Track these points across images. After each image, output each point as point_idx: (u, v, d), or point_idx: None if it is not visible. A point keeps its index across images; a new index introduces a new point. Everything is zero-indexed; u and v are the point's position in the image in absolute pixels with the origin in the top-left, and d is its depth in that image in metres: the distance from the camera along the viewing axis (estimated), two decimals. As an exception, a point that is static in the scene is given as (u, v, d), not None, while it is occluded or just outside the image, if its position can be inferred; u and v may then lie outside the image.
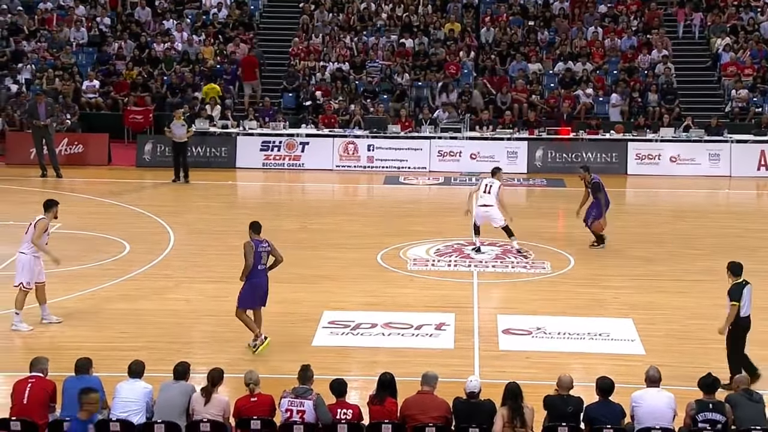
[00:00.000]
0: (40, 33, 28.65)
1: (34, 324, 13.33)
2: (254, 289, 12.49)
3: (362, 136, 25.07)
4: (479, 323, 13.78)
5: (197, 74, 27.37)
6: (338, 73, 27.65)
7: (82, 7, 29.68)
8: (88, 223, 18.79)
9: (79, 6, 29.71)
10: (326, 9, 29.96)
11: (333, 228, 19.12)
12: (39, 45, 28.23)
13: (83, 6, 29.76)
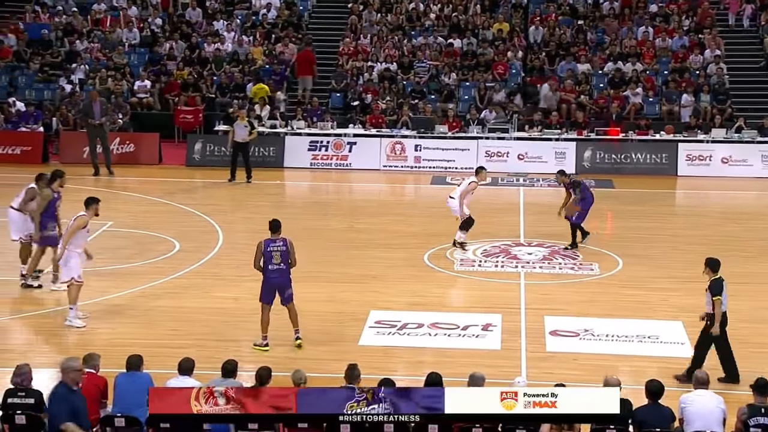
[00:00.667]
0: (93, 34, 29.07)
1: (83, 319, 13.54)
2: (267, 285, 12.62)
3: (409, 137, 25.08)
4: (526, 324, 13.72)
5: (246, 74, 27.59)
6: (386, 73, 27.70)
7: (135, 8, 30.06)
8: (140, 221, 19.04)
9: (132, 7, 30.09)
10: (375, 9, 30.02)
11: (380, 228, 19.16)
12: (92, 45, 28.64)
13: (135, 7, 30.13)
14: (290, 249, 12.63)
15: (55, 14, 29.62)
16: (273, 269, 12.51)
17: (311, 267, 16.47)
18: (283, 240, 12.65)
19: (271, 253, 12.50)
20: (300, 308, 14.10)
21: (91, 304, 14.30)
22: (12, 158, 24.07)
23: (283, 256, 12.54)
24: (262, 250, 12.55)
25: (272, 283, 12.58)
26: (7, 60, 28.22)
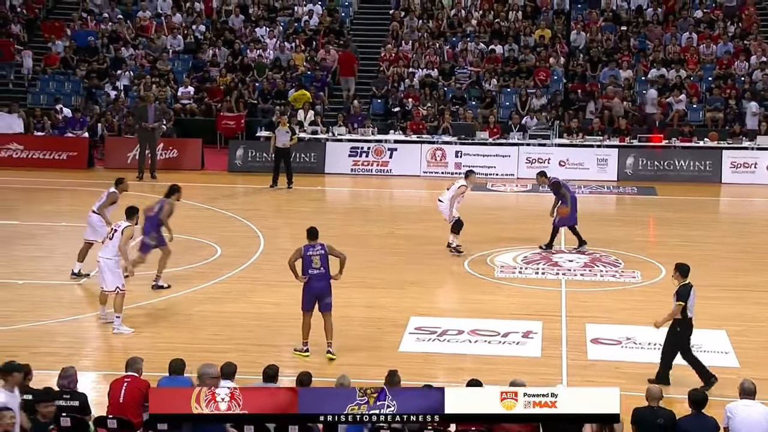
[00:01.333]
0: (138, 40, 29.40)
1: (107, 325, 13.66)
2: (308, 291, 12.58)
3: (450, 143, 25.04)
4: (567, 332, 13.61)
5: (288, 80, 27.73)
6: (427, 79, 27.69)
7: (179, 15, 30.34)
8: (182, 226, 19.10)
9: (176, 14, 30.38)
10: (416, 16, 30.04)
11: (420, 234, 19.13)
12: (137, 52, 28.96)
13: (180, 14, 30.42)
14: (329, 250, 12.65)
15: (102, 21, 29.98)
16: (314, 274, 12.52)
17: (352, 273, 16.45)
18: (321, 245, 12.68)
19: (311, 258, 12.52)
20: (340, 313, 14.12)
21: (135, 308, 14.44)
22: (58, 163, 24.41)
23: (322, 260, 12.54)
24: (301, 254, 12.57)
25: (313, 289, 12.56)
26: (54, 67, 28.62)
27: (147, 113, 23.97)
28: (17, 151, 24.65)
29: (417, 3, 30.53)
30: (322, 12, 30.28)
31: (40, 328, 13.61)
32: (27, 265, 16.57)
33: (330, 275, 12.63)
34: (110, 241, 13.63)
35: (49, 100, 27.15)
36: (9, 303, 14.66)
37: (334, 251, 12.68)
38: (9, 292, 15.17)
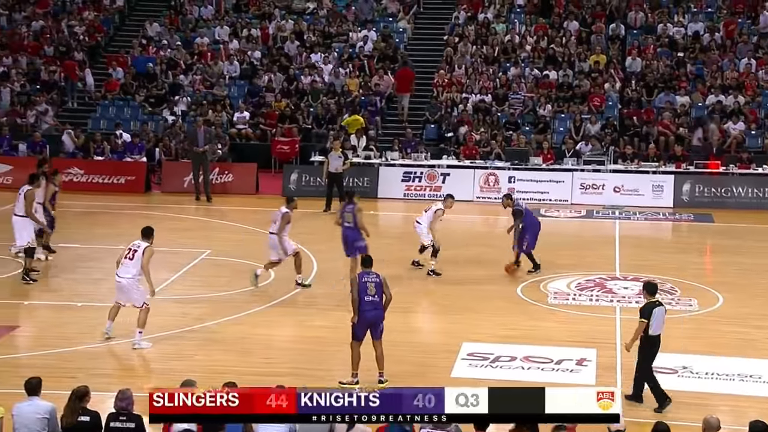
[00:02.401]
0: (196, 67, 29.84)
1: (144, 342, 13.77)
2: (361, 320, 12.46)
3: (503, 168, 24.96)
4: (622, 360, 13.41)
5: (342, 106, 27.92)
6: (480, 104, 27.69)
7: (236, 42, 30.76)
8: (236, 250, 19.35)
9: (233, 40, 30.80)
10: (470, 41, 30.09)
11: (473, 259, 19.06)
12: (194, 78, 29.40)
13: (237, 40, 30.84)
14: (384, 282, 12.62)
15: (161, 48, 30.50)
16: (368, 301, 12.44)
17: (404, 297, 16.49)
18: (376, 274, 12.68)
19: (366, 285, 12.47)
20: (392, 339, 14.09)
21: (189, 330, 14.58)
22: (117, 187, 24.80)
23: (377, 288, 12.49)
24: (357, 284, 12.51)
25: (367, 317, 12.47)
26: (114, 93, 29.17)
27: (197, 137, 24.33)
28: (77, 175, 25.11)
29: (471, 29, 30.59)
30: (376, 38, 30.49)
31: (97, 349, 13.80)
32: (86, 287, 16.84)
33: (383, 304, 12.55)
34: (129, 261, 13.77)
35: (109, 125, 27.66)
36: (68, 325, 14.89)
37: (386, 288, 12.62)
38: (68, 314, 15.42)
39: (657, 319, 11.78)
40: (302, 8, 32.19)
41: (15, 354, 13.71)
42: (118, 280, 13.86)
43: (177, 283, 17.10)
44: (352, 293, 12.49)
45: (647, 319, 11.76)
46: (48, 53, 30.30)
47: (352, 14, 31.57)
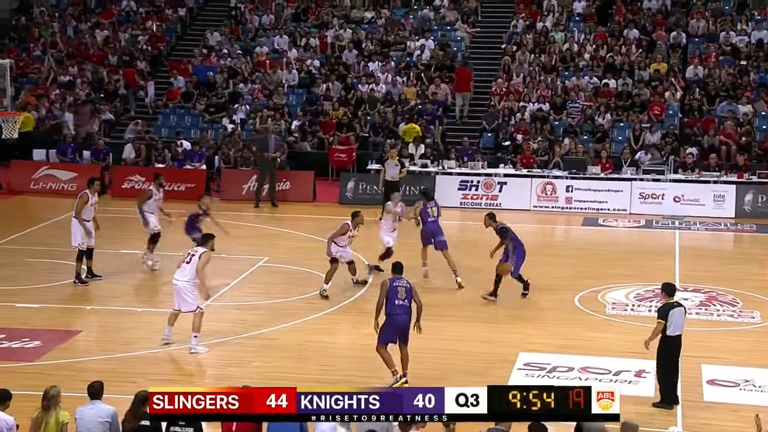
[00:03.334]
0: (255, 75, 30.14)
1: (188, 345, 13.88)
2: (391, 324, 12.55)
3: (561, 177, 24.77)
4: (682, 372, 13.19)
5: (399, 114, 27.96)
6: (538, 113, 27.52)
7: (295, 51, 30.99)
8: (294, 257, 19.48)
9: (292, 49, 31.04)
10: (528, 50, 29.93)
11: (529, 269, 18.86)
12: (254, 87, 29.69)
13: (296, 49, 31.07)
14: (413, 289, 12.74)
15: (221, 57, 30.86)
16: (398, 305, 12.55)
17: (460, 307, 16.47)
18: (407, 280, 12.82)
19: (397, 288, 12.58)
20: (448, 347, 14.11)
21: (247, 337, 14.71)
22: (177, 195, 24.98)
23: (407, 293, 12.61)
24: (387, 288, 12.60)
25: (396, 321, 12.53)
26: (175, 101, 29.58)
27: (268, 143, 24.65)
28: (139, 183, 25.48)
29: (529, 37, 30.44)
30: (434, 47, 30.48)
31: (157, 355, 13.98)
32: (146, 293, 17.08)
33: (412, 311, 12.61)
34: (187, 264, 13.97)
35: (170, 133, 28.05)
36: (129, 330, 15.12)
37: (416, 296, 12.71)
38: (129, 319, 15.65)
39: (675, 319, 11.89)
40: (360, 17, 32.34)
41: (77, 358, 13.95)
42: (174, 283, 14.08)
43: (235, 290, 17.27)
44: (379, 297, 12.61)
45: (664, 319, 11.89)
46: (112, 62, 30.84)
47: (410, 23, 31.61)
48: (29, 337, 14.56)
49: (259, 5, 33.22)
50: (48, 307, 16.18)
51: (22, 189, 25.22)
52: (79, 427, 9.48)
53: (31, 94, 29.17)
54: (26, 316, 15.72)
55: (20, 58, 30.69)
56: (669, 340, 11.91)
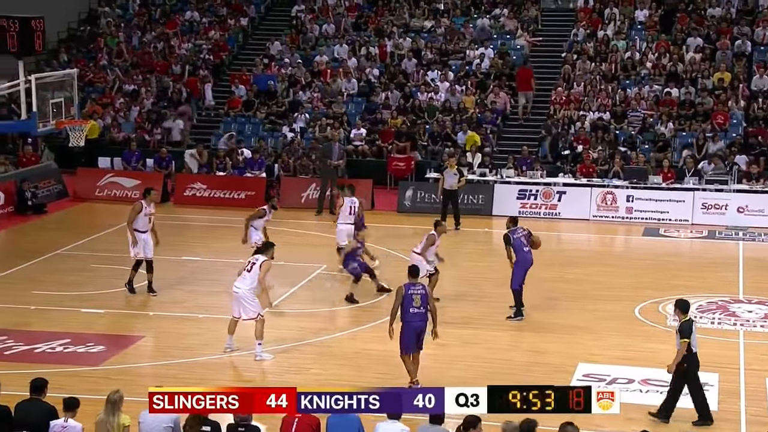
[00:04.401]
0: (314, 84, 30.35)
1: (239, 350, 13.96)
2: (408, 330, 12.64)
3: (621, 187, 24.48)
4: (746, 385, 12.96)
5: (458, 123, 27.92)
6: (599, 122, 27.25)
7: (354, 60, 31.15)
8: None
9: (351, 58, 31.20)
10: (589, 58, 29.68)
11: (589, 279, 18.75)
12: (313, 95, 29.90)
13: (355, 58, 31.22)
14: (429, 294, 12.82)
15: (282, 66, 31.14)
16: (414, 312, 12.64)
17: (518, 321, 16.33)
18: (422, 285, 12.90)
19: (412, 297, 12.67)
20: (505, 357, 14.03)
21: (305, 344, 14.79)
22: (237, 202, 25.30)
23: (423, 300, 12.69)
24: (402, 294, 12.69)
25: (413, 327, 12.66)
26: (236, 110, 29.92)
27: (332, 151, 24.82)
28: (200, 190, 25.81)
29: (590, 46, 30.19)
30: (493, 55, 30.39)
31: (217, 361, 14.13)
32: (207, 299, 17.28)
33: (428, 316, 12.70)
34: (248, 273, 14.11)
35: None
36: (190, 336, 15.31)
37: (431, 302, 12.76)
38: (190, 325, 15.85)
39: (694, 335, 11.79)
40: (420, 26, 32.39)
41: (139, 363, 14.17)
42: (235, 291, 14.21)
43: (294, 297, 17.38)
44: (394, 303, 12.74)
45: (688, 337, 11.73)
46: (175, 72, 31.31)
47: (469, 32, 31.56)
48: (93, 342, 14.85)
49: (319, 15, 33.47)
50: (112, 312, 16.47)
51: (87, 196, 25.70)
52: (141, 431, 9.62)
53: (96, 103, 29.76)
54: (90, 321, 16.03)
55: (87, 68, 31.34)
56: (693, 358, 11.80)
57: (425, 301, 12.69)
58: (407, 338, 12.69)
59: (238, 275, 14.33)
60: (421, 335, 12.72)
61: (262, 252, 14.47)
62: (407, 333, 12.69)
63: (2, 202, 23.87)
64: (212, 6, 34.49)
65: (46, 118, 18.93)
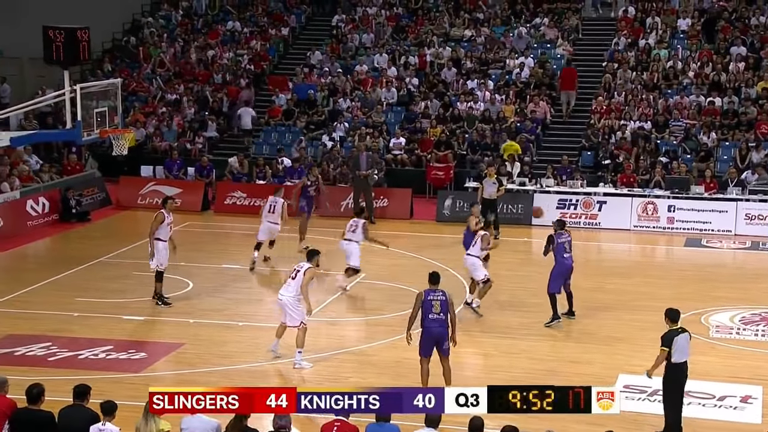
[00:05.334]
0: (355, 93, 30.46)
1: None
2: (427, 335, 12.63)
3: (663, 197, 24.25)
4: (789, 402, 12.77)
5: (497, 132, 27.85)
6: (639, 131, 27.04)
7: (394, 69, 31.22)
8: (390, 274, 19.56)
9: (391, 67, 31.27)
10: (630, 67, 29.47)
11: (629, 289, 18.59)
12: (353, 104, 30.00)
13: (395, 68, 31.29)
14: (450, 301, 12.72)
15: (322, 75, 31.30)
16: (433, 319, 12.60)
17: (556, 326, 16.23)
18: (443, 291, 12.81)
19: (431, 303, 12.62)
20: (546, 367, 13.94)
21: (344, 353, 14.81)
22: (277, 210, 25.39)
23: (442, 306, 12.63)
24: (421, 300, 12.68)
25: (432, 333, 12.62)
26: (276, 119, 30.12)
27: (360, 161, 24.84)
28: (240, 199, 25.99)
29: (631, 55, 29.98)
30: (533, 65, 30.30)
31: (257, 369, 14.21)
32: (247, 307, 17.39)
33: (448, 322, 12.66)
34: (292, 280, 14.16)
35: (272, 150, 28.53)
36: (230, 344, 15.41)
37: (451, 309, 12.72)
38: (230, 333, 15.95)
39: (680, 346, 11.61)
40: (460, 35, 32.38)
41: (180, 370, 14.28)
42: (280, 298, 14.30)
43: (333, 306, 17.42)
44: (413, 309, 12.74)
45: (668, 347, 11.59)
46: (216, 81, 31.59)
47: (509, 41, 31.49)
48: (135, 349, 15.00)
49: (359, 24, 33.60)
50: (153, 319, 16.64)
51: (129, 204, 25.99)
52: (185, 437, 9.71)
53: (139, 112, 30.12)
54: (132, 328, 16.20)
55: (130, 77, 31.73)
56: (674, 368, 11.65)
57: (445, 308, 12.65)
58: (425, 344, 12.73)
59: (284, 282, 14.44)
60: (443, 341, 12.71)
61: (308, 259, 14.51)
62: (425, 339, 12.72)
63: (47, 209, 24.21)
64: (254, 16, 34.77)
65: (90, 127, 19.18)
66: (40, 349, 14.90)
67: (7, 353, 14.74)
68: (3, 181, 23.87)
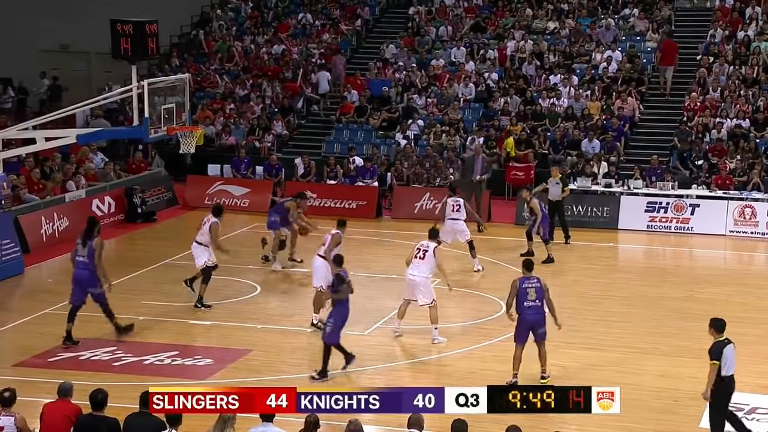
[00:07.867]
0: (430, 89, 30.45)
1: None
2: (522, 322, 13.52)
3: (762, 200, 23.76)
4: None
5: (582, 130, 27.59)
6: (737, 130, 26.52)
7: (472, 63, 31.14)
8: (467, 280, 19.54)
9: (469, 62, 31.20)
10: (727, 61, 28.93)
11: (724, 299, 18.27)
12: (429, 101, 30.00)
13: (473, 62, 31.20)
14: (545, 287, 13.50)
15: (397, 70, 31.35)
16: (528, 306, 13.42)
17: (643, 337, 16.09)
18: (537, 278, 13.60)
19: (527, 290, 13.43)
20: (631, 381, 13.83)
21: (417, 362, 14.87)
22: (348, 212, 25.34)
23: (538, 293, 13.43)
24: (517, 288, 13.49)
25: (528, 320, 13.45)
26: (348, 116, 30.25)
27: (475, 165, 24.98)
28: (310, 199, 26.12)
29: (728, 48, 29.43)
30: (621, 59, 29.94)
31: (327, 378, 14.32)
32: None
33: (545, 308, 13.48)
34: (421, 260, 15.40)
35: (343, 148, 28.66)
36: (299, 351, 15.61)
37: (547, 296, 13.54)
38: (299, 339, 16.14)
39: (728, 358, 11.47)
40: (543, 27, 32.15)
41: (247, 377, 14.48)
42: (412, 278, 15.40)
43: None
44: (509, 295, 13.63)
45: (718, 359, 11.42)
46: (286, 77, 31.88)
47: (596, 33, 31.17)
48: (201, 355, 15.29)
49: (436, 16, 33.62)
50: (220, 324, 16.89)
51: (197, 204, 26.32)
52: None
53: (208, 109, 30.54)
54: (199, 333, 16.51)
55: (198, 73, 32.17)
56: (724, 381, 11.51)
57: (540, 295, 13.45)
58: (521, 331, 13.57)
59: (407, 263, 15.55)
60: (539, 327, 13.46)
61: (431, 238, 15.66)
62: (521, 326, 13.55)
63: (113, 209, 24.68)
64: (325, 8, 35.02)
65: (157, 124, 19.45)
66: (105, 353, 15.27)
67: (71, 357, 15.14)
68: (69, 179, 24.43)
